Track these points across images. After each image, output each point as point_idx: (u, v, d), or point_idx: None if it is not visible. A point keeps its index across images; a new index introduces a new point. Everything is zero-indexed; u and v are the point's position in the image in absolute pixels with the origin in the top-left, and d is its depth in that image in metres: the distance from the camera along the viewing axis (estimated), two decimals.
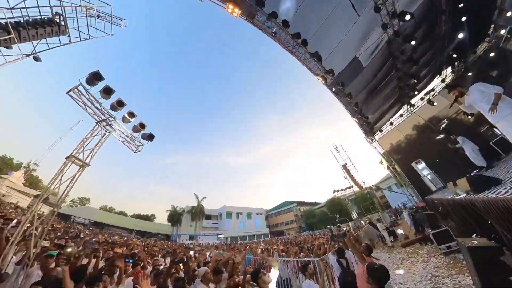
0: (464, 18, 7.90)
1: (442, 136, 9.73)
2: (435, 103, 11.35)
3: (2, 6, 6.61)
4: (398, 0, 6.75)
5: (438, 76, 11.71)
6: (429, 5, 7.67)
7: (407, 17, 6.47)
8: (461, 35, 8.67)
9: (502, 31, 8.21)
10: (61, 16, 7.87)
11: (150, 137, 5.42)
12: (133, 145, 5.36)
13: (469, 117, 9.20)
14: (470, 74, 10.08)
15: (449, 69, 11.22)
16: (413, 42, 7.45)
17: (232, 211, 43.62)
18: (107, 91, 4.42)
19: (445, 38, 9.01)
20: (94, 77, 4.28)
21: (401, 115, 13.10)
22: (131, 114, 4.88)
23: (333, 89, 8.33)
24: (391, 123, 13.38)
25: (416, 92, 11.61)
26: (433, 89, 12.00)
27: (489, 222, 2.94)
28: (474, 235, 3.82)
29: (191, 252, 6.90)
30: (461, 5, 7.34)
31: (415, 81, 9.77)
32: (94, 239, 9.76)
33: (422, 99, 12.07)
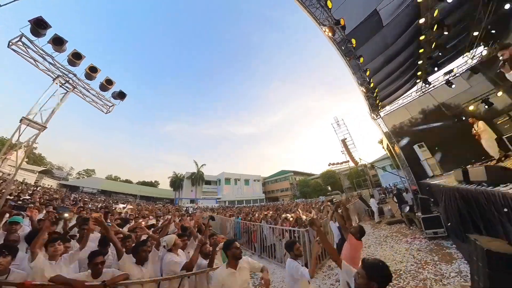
0: None
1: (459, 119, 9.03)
2: (453, 85, 10.13)
3: None
4: None
5: (466, 54, 10.03)
6: None
7: None
8: (507, 6, 7.04)
9: None
10: None
11: (120, 95, 4.62)
12: (102, 105, 4.65)
13: (486, 106, 8.48)
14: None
15: (481, 48, 9.50)
16: (449, 0, 5.98)
17: (230, 177, 45.58)
18: (57, 41, 3.44)
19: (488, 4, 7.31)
20: (38, 25, 3.21)
21: (414, 93, 11.98)
22: (94, 69, 3.98)
23: (343, 48, 6.98)
24: (401, 101, 12.36)
25: (436, 69, 10.28)
26: (451, 70, 10.54)
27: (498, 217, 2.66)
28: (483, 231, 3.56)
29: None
30: None
31: (439, 54, 8.44)
32: (91, 206, 10.15)
33: (441, 78, 10.74)
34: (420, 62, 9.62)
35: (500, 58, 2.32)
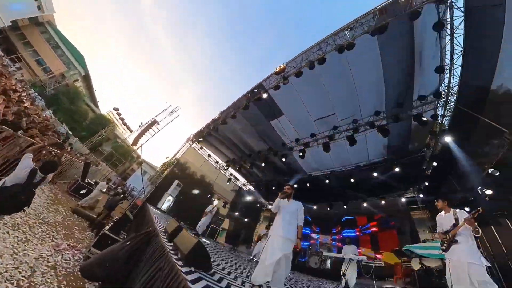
0: None
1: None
2: (228, 183, 15.82)
3: None
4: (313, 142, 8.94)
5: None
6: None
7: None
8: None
9: None
10: None
11: None
12: None
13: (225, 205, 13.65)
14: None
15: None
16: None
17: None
18: None
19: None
20: None
21: (217, 162, 15.30)
22: None
23: (257, 90, 8.09)
24: (209, 155, 14.92)
25: (237, 167, 14.56)
26: (238, 179, 16.83)
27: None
28: None
29: None
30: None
31: (251, 170, 12.48)
32: None
33: (231, 174, 16.02)
34: (243, 162, 13.51)
35: (285, 189, 3.30)
